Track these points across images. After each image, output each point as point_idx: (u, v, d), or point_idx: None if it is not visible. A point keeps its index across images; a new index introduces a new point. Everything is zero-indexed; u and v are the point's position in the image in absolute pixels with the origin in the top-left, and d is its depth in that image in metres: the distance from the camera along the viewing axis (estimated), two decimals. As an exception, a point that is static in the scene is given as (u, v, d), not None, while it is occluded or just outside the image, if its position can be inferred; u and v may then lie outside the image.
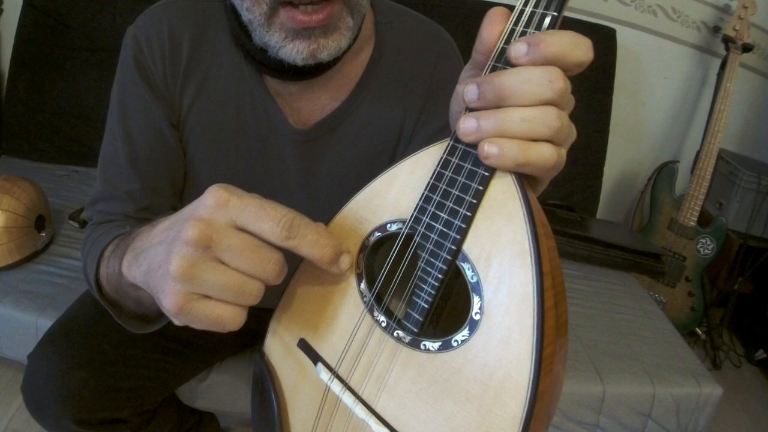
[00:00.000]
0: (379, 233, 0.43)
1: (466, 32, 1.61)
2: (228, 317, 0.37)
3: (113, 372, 0.70)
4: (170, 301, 0.36)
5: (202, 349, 0.86)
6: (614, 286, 1.47)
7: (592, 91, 1.66)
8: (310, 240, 0.37)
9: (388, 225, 0.42)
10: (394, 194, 0.43)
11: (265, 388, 0.49)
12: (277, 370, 0.49)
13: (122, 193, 0.64)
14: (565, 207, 1.65)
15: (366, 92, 0.67)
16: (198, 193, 0.38)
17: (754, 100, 1.91)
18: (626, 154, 1.91)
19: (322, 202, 0.71)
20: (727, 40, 1.66)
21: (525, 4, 0.36)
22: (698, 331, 1.73)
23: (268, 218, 0.36)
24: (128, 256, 0.44)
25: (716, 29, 1.78)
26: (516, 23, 0.36)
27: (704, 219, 1.71)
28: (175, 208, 0.72)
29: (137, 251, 0.42)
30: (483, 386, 0.35)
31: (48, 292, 1.05)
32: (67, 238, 1.23)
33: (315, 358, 0.45)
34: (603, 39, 1.66)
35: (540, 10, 0.36)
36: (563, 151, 0.37)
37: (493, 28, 0.37)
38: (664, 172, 1.78)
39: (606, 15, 1.71)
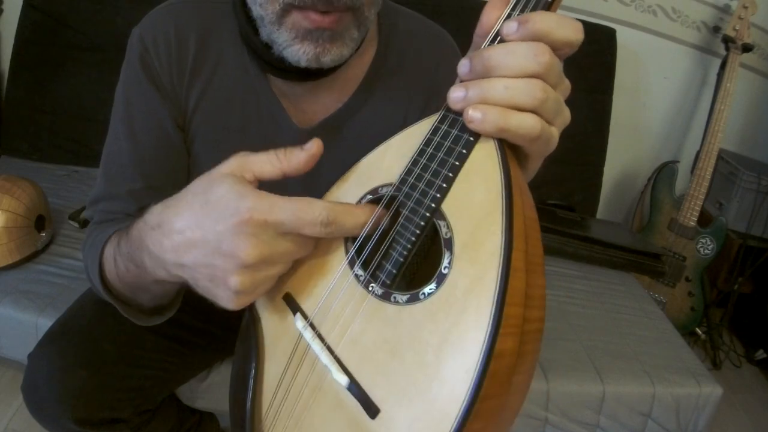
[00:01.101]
0: (371, 196, 0.45)
1: (467, 34, 1.61)
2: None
3: (113, 371, 0.70)
4: (234, 305, 0.42)
5: (202, 349, 0.86)
6: (614, 286, 1.47)
7: (592, 91, 1.66)
8: (349, 227, 0.42)
9: (380, 189, 0.45)
10: (387, 162, 0.45)
11: (249, 339, 0.51)
12: (262, 323, 0.51)
13: (125, 193, 0.65)
14: (565, 207, 1.66)
15: (369, 93, 0.67)
16: None
17: (754, 100, 1.91)
18: (626, 154, 1.91)
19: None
20: (727, 40, 1.66)
21: None
22: (698, 331, 1.73)
23: (307, 223, 0.40)
24: (148, 262, 0.46)
25: (716, 29, 1.78)
26: (514, 8, 0.39)
27: (704, 219, 1.71)
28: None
29: (162, 260, 0.44)
30: (442, 339, 0.36)
31: (48, 292, 1.05)
32: (67, 238, 1.23)
33: (295, 309, 0.46)
34: (603, 39, 1.66)
35: None
36: (554, 130, 0.39)
37: (492, 12, 0.39)
38: (664, 172, 1.78)
39: (606, 15, 1.72)
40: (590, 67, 1.64)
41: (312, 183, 0.70)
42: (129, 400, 0.73)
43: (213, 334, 0.84)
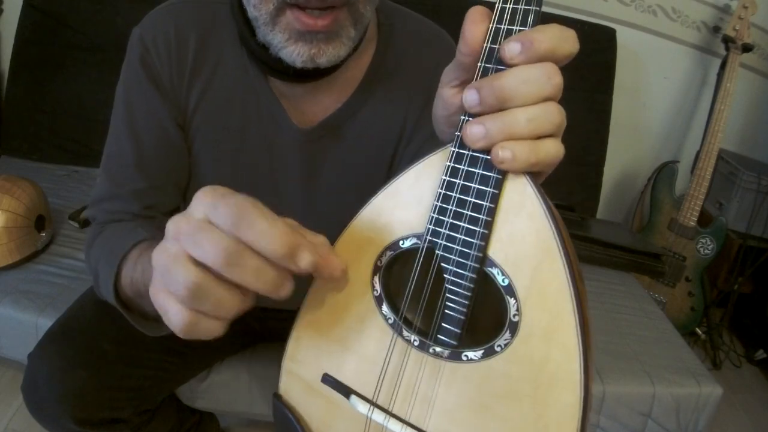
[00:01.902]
0: (392, 252, 0.42)
1: (466, 32, 1.61)
2: (175, 318, 0.35)
3: (113, 371, 0.70)
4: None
5: (203, 348, 0.86)
6: (614, 286, 1.47)
7: (592, 91, 1.66)
8: (261, 233, 0.32)
9: (401, 242, 0.42)
10: (400, 209, 0.42)
11: (293, 429, 0.48)
12: (301, 410, 0.48)
13: (127, 192, 0.65)
14: (565, 207, 1.65)
15: (368, 93, 0.67)
16: None
17: (754, 100, 1.91)
18: (626, 154, 1.91)
19: (324, 201, 0.71)
20: (727, 40, 1.66)
21: (505, 2, 0.36)
22: (698, 331, 1.73)
23: (227, 204, 0.33)
24: None
25: (716, 29, 1.78)
26: (499, 21, 0.36)
27: (704, 219, 1.71)
28: (178, 208, 0.72)
29: None
30: (533, 383, 0.36)
31: (48, 292, 1.05)
32: (67, 238, 1.23)
33: (346, 391, 0.44)
34: (603, 39, 1.66)
35: (522, 6, 0.36)
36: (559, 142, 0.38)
37: (476, 27, 0.37)
38: (664, 172, 1.78)
39: (606, 15, 1.71)
40: (590, 67, 1.64)
41: (311, 184, 0.70)
42: (129, 400, 0.73)
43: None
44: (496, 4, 0.36)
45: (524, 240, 0.37)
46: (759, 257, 1.72)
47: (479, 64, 0.37)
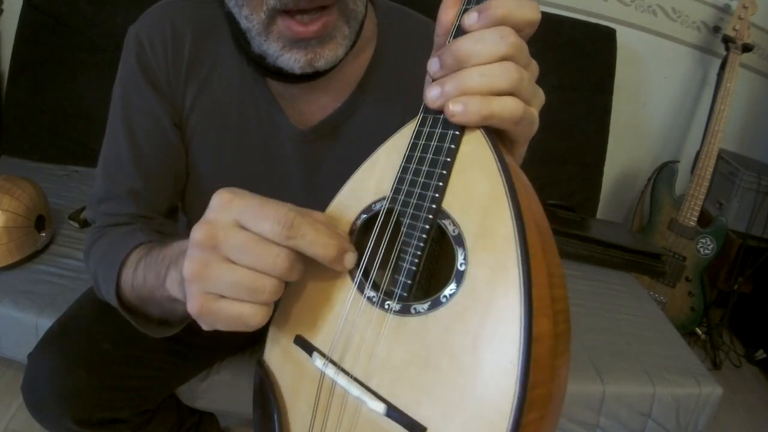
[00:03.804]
0: (365, 215, 0.44)
1: (466, 32, 1.61)
2: (248, 314, 0.38)
3: (113, 372, 0.70)
4: (191, 304, 0.38)
5: (202, 349, 0.86)
6: (614, 286, 1.47)
7: (592, 91, 1.66)
8: (310, 240, 0.37)
9: (373, 205, 0.43)
10: (376, 177, 0.44)
11: (265, 396, 0.48)
12: (277, 375, 0.48)
13: (124, 193, 0.64)
14: (565, 207, 1.65)
15: (367, 93, 0.67)
16: (200, 192, 0.38)
17: (754, 100, 1.91)
18: (626, 154, 1.91)
19: (324, 201, 0.71)
20: (727, 40, 1.66)
21: None
22: (698, 331, 1.73)
23: (268, 217, 0.36)
24: (172, 273, 0.46)
25: (716, 29, 1.78)
26: (468, 3, 0.39)
27: (704, 219, 1.71)
28: (176, 208, 0.72)
29: (172, 266, 0.45)
30: (475, 337, 0.34)
31: (48, 292, 1.05)
32: (67, 238, 1.23)
33: (310, 349, 0.44)
34: (603, 39, 1.66)
35: None
36: (533, 110, 0.39)
37: (448, 11, 0.40)
38: (664, 172, 1.78)
39: (606, 15, 1.71)
40: (590, 67, 1.64)
41: (310, 184, 0.70)
42: (129, 400, 0.73)
43: (213, 334, 0.84)
44: None
45: (475, 190, 0.37)
46: (759, 257, 1.72)
47: (448, 40, 0.39)
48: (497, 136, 0.39)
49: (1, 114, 1.55)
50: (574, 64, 1.63)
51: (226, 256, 0.37)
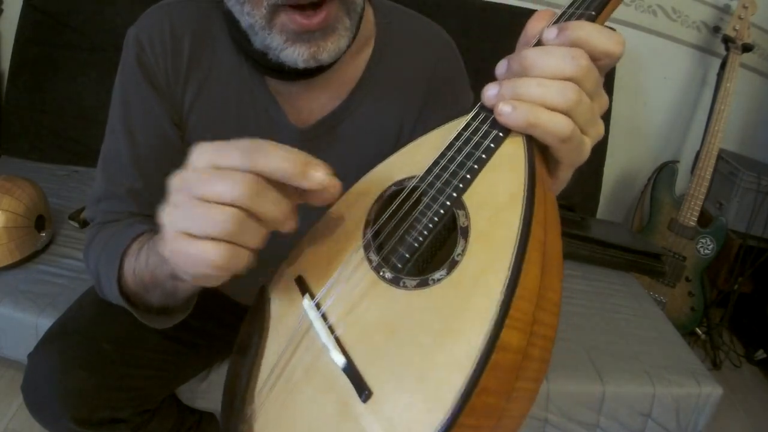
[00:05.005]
0: (395, 187, 0.45)
1: (465, 32, 1.61)
2: (213, 252, 0.36)
3: (113, 371, 0.70)
4: (164, 247, 0.38)
5: (202, 349, 0.86)
6: (614, 286, 1.47)
7: (592, 91, 1.66)
8: (271, 157, 0.36)
9: (406, 180, 0.45)
10: (419, 155, 0.45)
11: (254, 319, 0.51)
12: (271, 303, 0.51)
13: (124, 192, 0.65)
14: (565, 207, 1.65)
15: (366, 92, 0.67)
16: None
17: (754, 100, 1.91)
18: (626, 154, 1.91)
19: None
20: (727, 40, 1.66)
21: (570, 6, 0.40)
22: (698, 331, 1.73)
23: (231, 148, 0.37)
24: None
25: (716, 29, 1.78)
26: (558, 21, 0.40)
27: (704, 219, 1.71)
28: None
29: None
30: (445, 324, 0.35)
31: (48, 292, 1.05)
32: (67, 238, 1.23)
33: (304, 290, 0.46)
34: (603, 39, 1.66)
35: (580, 11, 0.39)
36: (586, 139, 0.38)
37: (537, 23, 0.41)
38: (664, 172, 1.78)
39: (606, 15, 1.71)
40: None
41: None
42: (129, 400, 0.73)
43: (213, 334, 0.84)
44: (564, 8, 0.41)
45: (495, 189, 0.38)
46: (759, 257, 1.72)
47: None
48: (541, 151, 0.39)
49: (1, 114, 1.55)
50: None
51: (194, 194, 0.36)
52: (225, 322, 0.85)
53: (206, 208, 0.36)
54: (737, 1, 1.66)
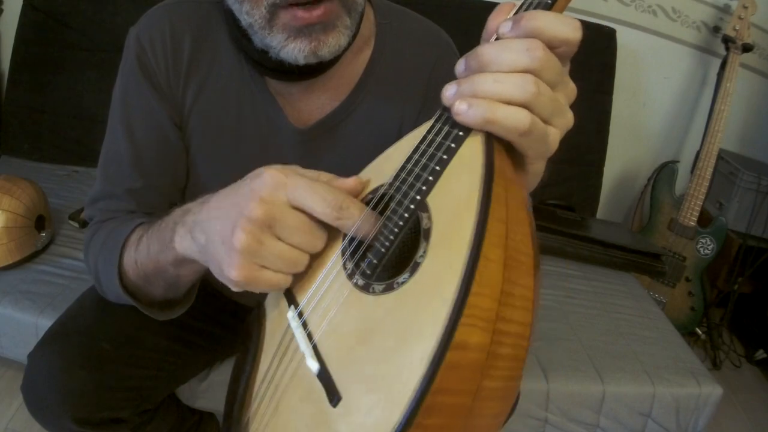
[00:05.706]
0: (371, 195, 0.46)
1: (465, 32, 1.61)
2: (282, 282, 0.44)
3: (113, 371, 0.70)
4: (236, 273, 0.42)
5: (202, 349, 0.86)
6: (614, 286, 1.47)
7: (592, 91, 1.66)
8: (355, 220, 0.42)
9: (379, 188, 0.45)
10: (390, 164, 0.46)
11: (252, 332, 0.52)
12: (267, 317, 0.52)
13: (123, 192, 0.65)
14: (565, 207, 1.66)
15: (365, 92, 0.67)
16: (199, 190, 0.39)
17: (754, 100, 1.91)
18: (626, 154, 1.91)
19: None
20: (727, 40, 1.66)
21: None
22: (698, 331, 1.73)
23: (318, 200, 0.41)
24: (180, 231, 0.48)
25: (716, 29, 1.78)
26: (516, 13, 0.39)
27: (704, 219, 1.71)
28: (176, 206, 0.72)
29: (191, 225, 0.47)
30: (405, 326, 0.35)
31: (48, 292, 1.05)
32: (67, 238, 1.23)
33: (291, 301, 0.47)
34: (603, 39, 1.66)
35: (537, 0, 0.38)
36: (551, 129, 0.38)
37: (497, 18, 0.40)
38: (664, 172, 1.78)
39: (606, 15, 1.71)
40: (590, 67, 1.64)
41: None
42: (129, 400, 0.73)
43: (213, 334, 0.84)
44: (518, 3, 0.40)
45: (455, 191, 0.38)
46: (759, 257, 1.72)
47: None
48: (505, 147, 0.38)
49: (1, 114, 1.55)
50: (573, 63, 1.62)
51: (278, 234, 0.42)
52: (225, 322, 0.85)
53: (285, 251, 0.42)
54: (737, 1, 1.66)
